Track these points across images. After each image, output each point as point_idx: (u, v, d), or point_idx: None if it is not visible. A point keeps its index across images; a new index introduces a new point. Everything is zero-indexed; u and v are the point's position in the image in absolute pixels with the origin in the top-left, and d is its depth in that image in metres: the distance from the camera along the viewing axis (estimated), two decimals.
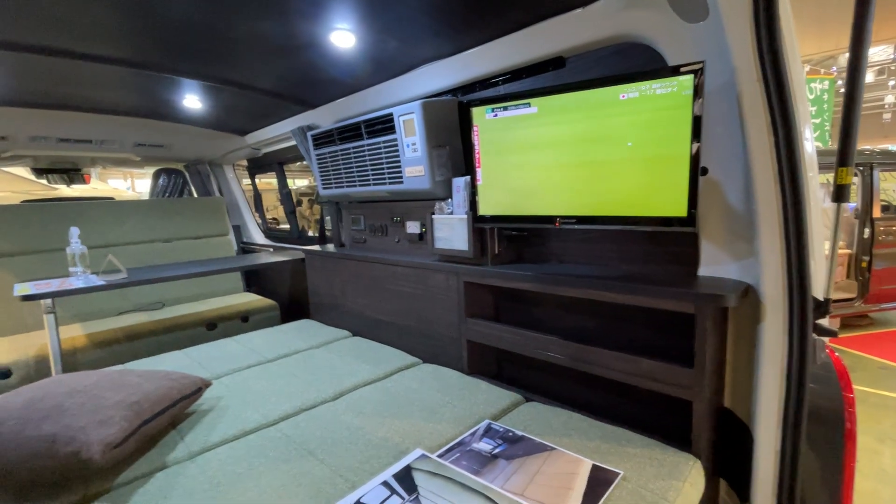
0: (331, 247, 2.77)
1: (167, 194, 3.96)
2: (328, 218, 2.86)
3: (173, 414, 1.40)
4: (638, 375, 1.30)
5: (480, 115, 1.45)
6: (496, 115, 1.41)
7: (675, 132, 1.08)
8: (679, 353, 1.27)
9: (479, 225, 1.62)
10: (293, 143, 3.02)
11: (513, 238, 1.77)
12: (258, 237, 3.98)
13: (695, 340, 1.18)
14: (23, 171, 6.67)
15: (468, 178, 1.72)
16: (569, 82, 1.27)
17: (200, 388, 1.54)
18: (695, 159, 1.09)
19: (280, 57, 1.81)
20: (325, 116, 2.50)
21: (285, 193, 3.41)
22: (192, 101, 2.49)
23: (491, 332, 1.71)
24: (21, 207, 2.90)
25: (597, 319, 1.58)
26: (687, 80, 1.05)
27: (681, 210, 1.13)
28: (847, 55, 0.90)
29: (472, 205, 1.67)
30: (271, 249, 3.65)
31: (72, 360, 2.38)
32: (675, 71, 1.07)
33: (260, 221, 4.04)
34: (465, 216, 1.70)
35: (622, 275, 1.41)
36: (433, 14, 1.42)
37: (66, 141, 2.85)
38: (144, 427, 1.25)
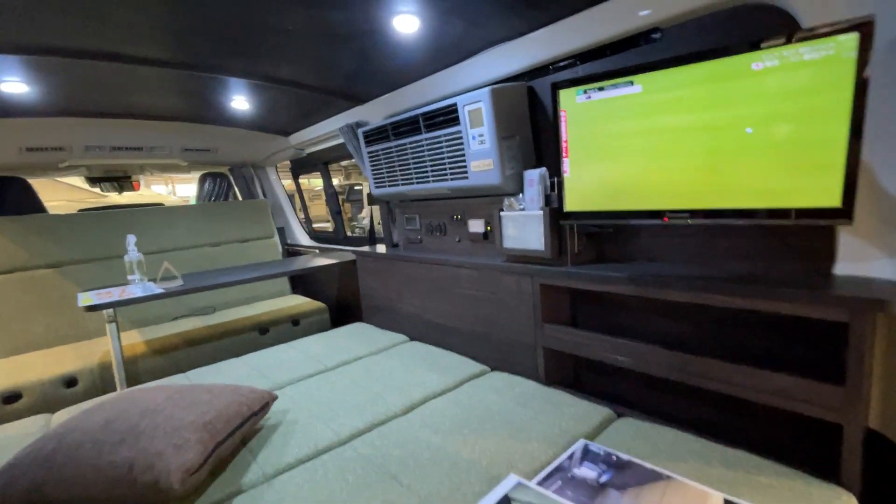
0: (381, 247, 2.68)
1: (213, 198, 3.98)
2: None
3: (244, 432, 1.32)
4: (767, 392, 1.12)
5: (569, 98, 1.29)
6: (589, 98, 1.25)
7: (828, 105, 0.90)
8: (809, 366, 1.09)
9: (566, 222, 1.47)
10: (338, 141, 2.94)
11: (593, 235, 1.61)
12: (303, 238, 3.95)
13: (847, 353, 0.99)
14: (76, 181, 6.95)
15: (543, 169, 1.57)
16: (683, 54, 1.10)
17: (268, 402, 1.46)
18: (855, 136, 0.90)
19: (332, 49, 1.71)
20: (375, 112, 2.40)
21: (331, 194, 3.34)
22: (239, 101, 2.44)
23: (574, 340, 1.55)
24: (79, 216, 2.95)
25: (698, 326, 1.40)
26: (849, 40, 0.86)
27: (832, 199, 0.94)
28: None
29: (556, 200, 1.51)
30: (317, 251, 3.61)
31: (133, 369, 2.39)
32: (832, 30, 0.88)
33: (304, 223, 4.01)
34: (541, 212, 1.55)
35: (738, 275, 1.22)
36: None
37: (119, 149, 2.87)
38: (219, 448, 1.18)
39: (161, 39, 1.56)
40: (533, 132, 1.72)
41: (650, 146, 1.16)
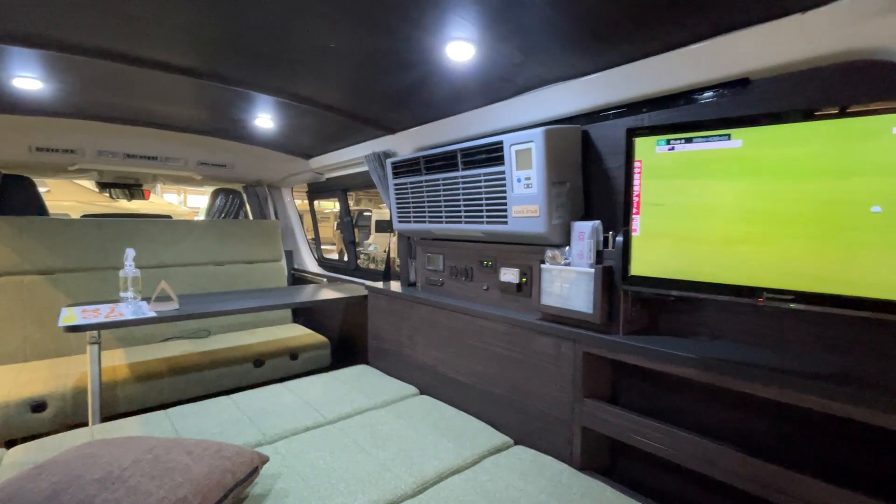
0: (395, 284, 2.48)
1: (223, 215, 3.84)
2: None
3: None
4: None
5: (647, 147, 1.13)
6: (672, 149, 1.08)
7: None
8: None
9: (629, 287, 1.27)
10: (360, 169, 2.81)
11: (647, 301, 1.41)
12: (311, 264, 3.77)
13: None
14: (88, 183, 6.89)
15: (598, 223, 1.39)
16: (803, 109, 0.93)
17: (257, 467, 1.23)
18: None
19: (373, 74, 1.58)
20: (404, 143, 2.27)
21: (347, 222, 3.19)
22: (264, 119, 2.32)
23: (622, 423, 1.33)
24: (78, 222, 2.79)
25: (772, 424, 1.18)
26: None
27: None
28: None
29: (610, 257, 1.33)
30: (325, 280, 3.42)
31: (111, 397, 2.15)
32: None
33: (315, 249, 3.84)
34: (592, 270, 1.36)
35: (835, 373, 1.02)
36: (579, 23, 1.14)
37: (133, 157, 2.75)
38: None
39: (190, 46, 1.43)
40: (583, 180, 1.56)
41: (748, 211, 0.98)
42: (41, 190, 2.97)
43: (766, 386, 1.04)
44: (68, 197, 7.25)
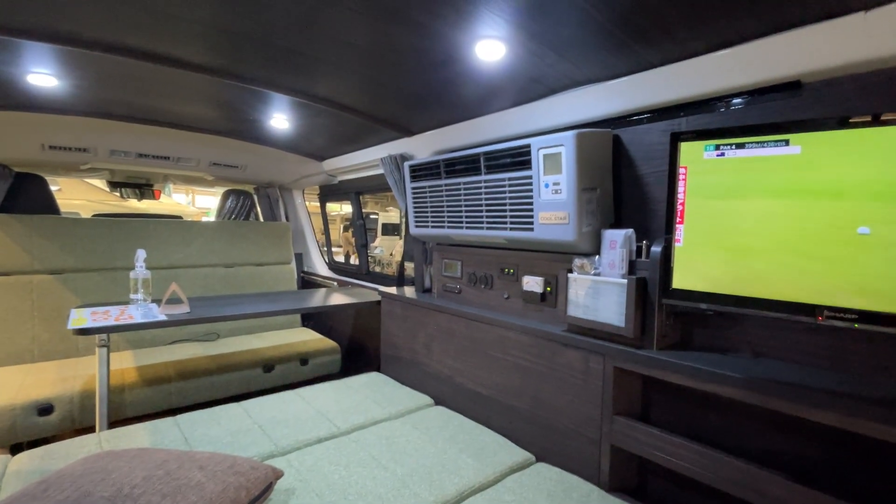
0: (410, 290, 2.42)
1: (234, 216, 3.80)
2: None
3: None
4: None
5: (694, 153, 1.07)
6: (722, 155, 1.02)
7: None
8: None
9: (671, 301, 1.20)
10: (375, 172, 2.76)
11: (680, 315, 1.34)
12: (321, 267, 3.72)
13: None
14: (98, 182, 6.90)
15: (630, 231, 1.33)
16: (872, 112, 0.86)
17: (271, 483, 1.17)
18: None
19: (395, 73, 1.53)
20: (422, 146, 2.21)
21: (359, 225, 3.13)
22: (279, 119, 2.27)
23: (657, 444, 1.25)
24: (89, 221, 2.76)
25: (825, 452, 1.10)
26: None
27: None
28: None
29: (647, 268, 1.26)
30: (335, 283, 3.37)
31: (119, 400, 2.11)
32: None
33: (325, 252, 3.79)
34: (625, 281, 1.30)
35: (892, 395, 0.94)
36: (620, 18, 1.08)
37: (146, 156, 2.72)
38: None
39: (208, 42, 1.39)
40: (614, 187, 1.49)
41: (806, 222, 0.91)
42: (53, 189, 2.95)
43: (821, 409, 0.97)
44: (79, 196, 7.28)
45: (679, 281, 1.14)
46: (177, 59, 1.53)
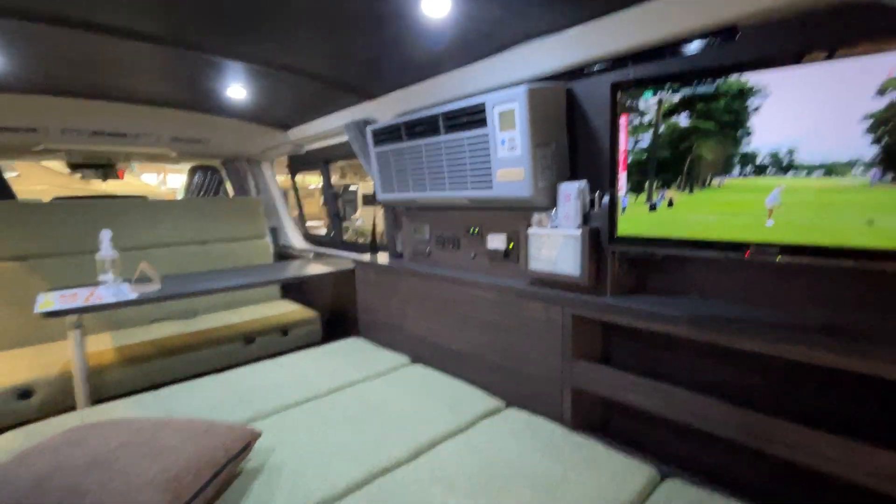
0: (383, 256, 2.45)
1: (202, 193, 3.72)
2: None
3: (219, 482, 1.09)
4: (873, 475, 0.91)
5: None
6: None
7: None
8: None
9: (616, 247, 1.26)
10: (341, 139, 2.72)
11: (634, 261, 1.40)
12: (296, 240, 3.71)
13: None
14: (60, 166, 6.63)
15: (584, 183, 1.37)
16: (791, 51, 0.90)
17: (249, 442, 1.23)
18: None
19: (348, 35, 1.50)
20: (385, 109, 2.18)
21: (331, 195, 3.12)
22: (236, 89, 2.21)
23: (612, 383, 1.34)
24: (50, 206, 2.69)
25: (766, 378, 1.19)
26: None
27: None
28: None
29: (597, 218, 1.31)
30: (311, 255, 3.37)
31: (100, 381, 2.12)
32: None
33: (299, 224, 3.77)
34: (579, 232, 1.35)
35: (824, 325, 1.03)
36: None
37: (100, 134, 2.61)
38: None
39: (155, 10, 1.33)
40: (569, 141, 1.51)
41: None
42: (10, 175, 2.83)
43: (752, 339, 1.05)
44: (39, 181, 6.99)
45: (623, 228, 1.19)
46: (123, 29, 1.46)
